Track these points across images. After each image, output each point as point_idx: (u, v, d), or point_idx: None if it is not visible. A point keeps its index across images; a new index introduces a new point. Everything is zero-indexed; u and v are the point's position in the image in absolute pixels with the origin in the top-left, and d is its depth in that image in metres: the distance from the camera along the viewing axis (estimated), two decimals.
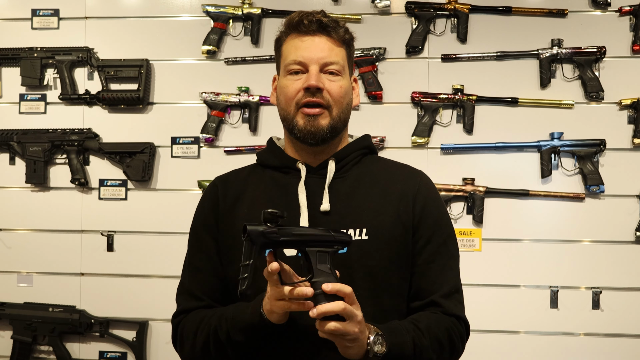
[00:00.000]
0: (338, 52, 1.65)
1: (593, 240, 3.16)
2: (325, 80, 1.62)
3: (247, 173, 1.77)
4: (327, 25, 1.64)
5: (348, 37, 1.68)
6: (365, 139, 1.77)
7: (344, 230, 1.58)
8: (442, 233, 1.67)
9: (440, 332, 1.56)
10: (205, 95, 3.32)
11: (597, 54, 3.16)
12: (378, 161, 1.77)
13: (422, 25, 3.25)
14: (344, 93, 1.65)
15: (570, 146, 3.15)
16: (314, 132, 1.62)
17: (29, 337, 3.33)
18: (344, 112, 1.66)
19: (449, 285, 1.63)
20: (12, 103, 3.48)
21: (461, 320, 1.63)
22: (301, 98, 1.62)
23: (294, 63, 1.63)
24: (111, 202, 3.40)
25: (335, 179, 1.66)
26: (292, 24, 1.66)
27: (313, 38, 1.64)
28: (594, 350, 3.13)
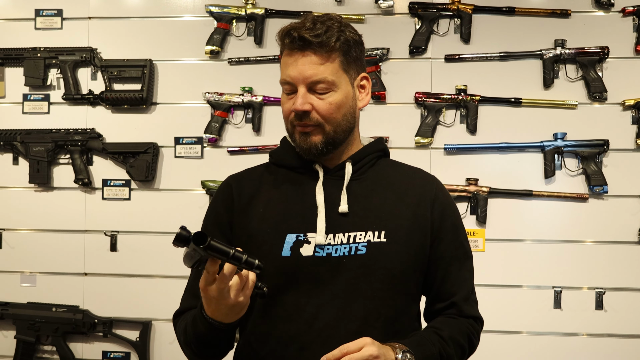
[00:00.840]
0: (326, 67, 1.58)
1: (596, 241, 3.16)
2: (314, 99, 1.59)
3: (261, 172, 1.76)
4: (310, 42, 1.57)
5: (340, 44, 1.59)
6: (380, 142, 1.77)
7: (363, 232, 1.60)
8: (459, 236, 1.72)
9: (462, 338, 1.64)
10: (209, 95, 3.32)
11: (601, 54, 3.16)
12: (392, 164, 1.77)
13: (426, 25, 3.25)
14: (335, 108, 1.60)
15: (574, 146, 3.15)
16: (308, 148, 1.62)
17: (32, 337, 3.34)
18: (341, 124, 1.63)
19: (467, 287, 1.70)
20: (15, 103, 3.48)
21: (478, 320, 1.71)
22: (293, 119, 1.62)
23: (284, 82, 1.62)
24: (114, 202, 3.40)
25: (352, 181, 1.66)
26: (281, 38, 1.62)
27: (299, 56, 1.59)
28: (598, 350, 3.13)
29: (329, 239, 1.59)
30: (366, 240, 1.59)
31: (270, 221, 1.64)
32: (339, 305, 1.56)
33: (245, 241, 1.64)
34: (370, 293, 1.56)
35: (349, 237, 1.60)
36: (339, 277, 1.57)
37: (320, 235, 1.59)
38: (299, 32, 1.57)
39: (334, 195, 1.64)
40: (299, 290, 1.57)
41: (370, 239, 1.59)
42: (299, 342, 1.56)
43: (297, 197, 1.65)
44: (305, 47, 1.58)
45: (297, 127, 1.62)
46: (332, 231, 1.60)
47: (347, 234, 1.60)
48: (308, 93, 1.59)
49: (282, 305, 1.56)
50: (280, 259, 1.58)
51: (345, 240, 1.59)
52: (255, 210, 1.67)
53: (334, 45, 1.59)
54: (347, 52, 1.62)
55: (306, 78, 1.58)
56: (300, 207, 1.62)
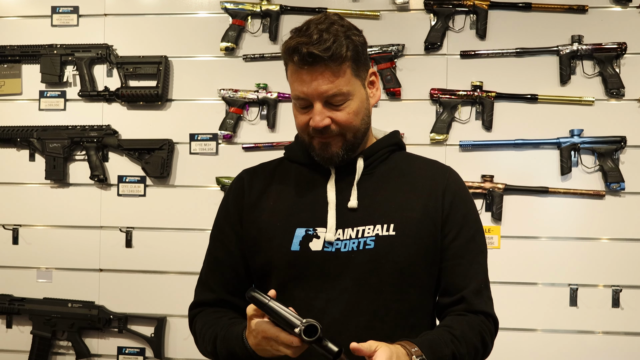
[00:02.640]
0: (340, 79, 1.55)
1: (613, 238, 3.13)
2: (331, 112, 1.57)
3: (274, 166, 1.77)
4: (320, 58, 1.51)
5: (350, 53, 1.56)
6: (393, 136, 1.75)
7: (371, 226, 1.59)
8: (471, 228, 1.66)
9: (475, 337, 1.56)
10: (224, 92, 3.33)
11: (618, 50, 3.13)
12: (406, 157, 1.75)
13: (441, 21, 3.24)
14: (354, 115, 1.59)
15: (591, 143, 3.13)
16: (329, 157, 1.62)
17: (48, 333, 3.36)
18: (360, 129, 1.63)
19: (477, 282, 1.62)
20: (32, 100, 3.50)
21: (490, 317, 1.63)
22: (311, 132, 1.60)
23: (297, 98, 1.59)
24: (130, 199, 3.41)
25: (363, 176, 1.66)
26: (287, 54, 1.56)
27: (311, 72, 1.54)
28: (614, 349, 3.11)
29: (338, 234, 1.59)
30: (374, 234, 1.58)
31: (280, 215, 1.64)
32: (348, 299, 1.55)
33: (255, 234, 1.65)
34: (380, 287, 1.55)
35: (357, 232, 1.59)
36: (348, 272, 1.56)
37: (330, 232, 1.59)
38: (308, 49, 1.51)
39: (345, 191, 1.64)
40: (308, 285, 1.58)
41: (378, 233, 1.58)
42: None
43: (308, 192, 1.66)
44: (316, 62, 1.53)
45: (317, 138, 1.61)
46: (342, 226, 1.60)
47: (356, 229, 1.60)
48: (324, 108, 1.57)
49: (291, 300, 1.55)
50: (290, 254, 1.59)
51: (354, 235, 1.59)
52: (266, 204, 1.68)
53: (345, 55, 1.55)
54: (356, 58, 1.59)
55: (321, 93, 1.55)
56: (311, 202, 1.62)
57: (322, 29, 1.54)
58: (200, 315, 1.71)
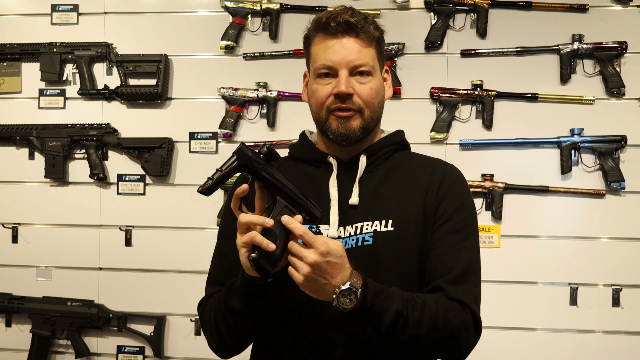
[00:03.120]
0: (367, 52, 1.61)
1: (613, 237, 3.13)
2: (355, 83, 1.60)
3: (279, 165, 1.76)
4: (355, 26, 1.59)
5: (378, 34, 1.64)
6: (397, 135, 1.76)
7: (370, 222, 1.59)
8: (459, 222, 1.62)
9: (438, 313, 1.49)
10: (224, 90, 3.32)
11: (619, 49, 3.13)
12: (410, 157, 1.75)
13: (442, 20, 3.23)
14: (375, 94, 1.63)
15: (591, 142, 3.12)
16: (347, 134, 1.62)
17: (47, 331, 3.35)
18: (377, 111, 1.65)
19: (456, 272, 1.57)
20: (31, 98, 3.50)
21: (466, 306, 1.55)
22: (332, 103, 1.61)
23: (323, 67, 1.62)
24: (129, 197, 3.41)
25: (365, 173, 1.66)
26: (319, 25, 1.62)
27: (341, 40, 1.60)
28: (614, 348, 3.10)
29: (339, 232, 1.60)
30: (373, 230, 1.58)
31: None
32: None
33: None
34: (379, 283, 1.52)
35: (356, 228, 1.60)
36: None
37: (333, 228, 1.59)
38: (342, 17, 1.59)
39: (347, 188, 1.64)
40: None
41: (377, 229, 1.58)
42: (307, 334, 1.56)
43: (311, 190, 1.65)
44: (349, 31, 1.60)
45: (336, 112, 1.61)
46: (343, 224, 1.61)
47: (355, 225, 1.60)
48: (349, 77, 1.60)
49: (292, 297, 1.55)
50: None
51: (353, 232, 1.59)
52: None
53: (374, 33, 1.63)
54: (380, 43, 1.67)
55: (349, 62, 1.59)
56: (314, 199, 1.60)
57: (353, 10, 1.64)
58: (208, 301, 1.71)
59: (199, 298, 1.74)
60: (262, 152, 1.45)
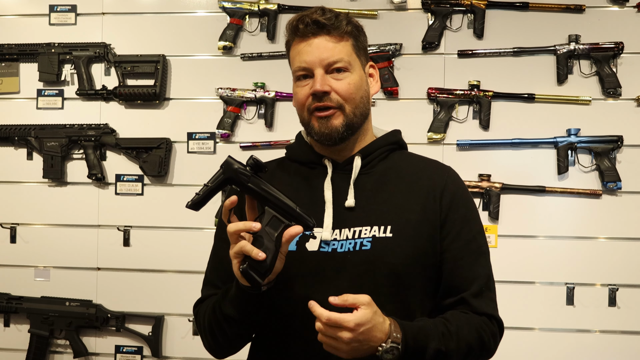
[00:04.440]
0: (341, 48, 1.62)
1: (610, 237, 3.14)
2: (331, 80, 1.60)
3: (275, 166, 1.77)
4: (324, 25, 1.60)
5: (351, 28, 1.64)
6: (393, 135, 1.76)
7: (368, 227, 1.58)
8: (471, 230, 1.65)
9: (470, 335, 1.54)
10: (222, 91, 3.33)
11: (615, 49, 3.14)
12: (407, 157, 1.75)
13: (439, 21, 3.24)
14: (355, 88, 1.62)
15: (587, 142, 3.13)
16: (329, 133, 1.62)
17: (46, 331, 3.36)
18: (359, 106, 1.64)
19: (479, 283, 1.61)
20: (29, 98, 3.50)
21: (493, 318, 1.61)
22: (311, 103, 1.62)
23: (299, 69, 1.63)
24: (127, 197, 3.42)
25: (361, 175, 1.66)
26: (291, 29, 1.64)
27: (313, 40, 1.61)
28: (610, 347, 3.12)
29: (334, 235, 1.59)
30: (371, 235, 1.58)
31: None
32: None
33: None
34: (375, 289, 1.53)
35: (354, 232, 1.59)
36: (344, 272, 1.56)
37: (327, 231, 1.59)
38: (311, 17, 1.60)
39: (342, 190, 1.63)
40: (304, 284, 1.57)
41: (375, 234, 1.58)
42: (304, 338, 1.55)
43: (306, 192, 1.65)
44: (319, 30, 1.60)
45: (316, 112, 1.62)
46: (339, 226, 1.60)
47: (353, 229, 1.59)
48: (325, 75, 1.60)
49: (286, 300, 1.55)
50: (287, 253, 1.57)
51: (350, 236, 1.59)
52: None
53: (346, 28, 1.63)
54: (357, 37, 1.66)
55: (323, 60, 1.60)
56: (309, 202, 1.61)
57: (325, 9, 1.65)
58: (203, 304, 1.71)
59: (197, 298, 1.75)
60: (249, 164, 1.48)
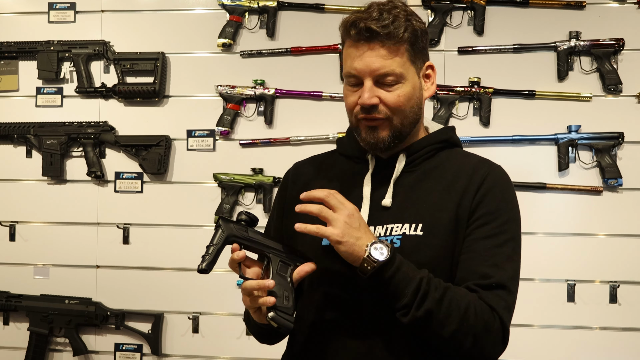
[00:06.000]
0: (394, 60, 1.53)
1: (611, 234, 3.13)
2: (380, 92, 1.54)
3: (322, 159, 1.76)
4: (378, 33, 1.51)
5: (408, 35, 1.54)
6: (443, 133, 1.69)
7: (400, 224, 1.56)
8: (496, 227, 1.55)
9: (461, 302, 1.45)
10: (221, 88, 3.32)
11: (616, 46, 3.13)
12: (455, 155, 1.68)
13: (439, 17, 3.24)
14: (405, 100, 1.55)
15: (588, 139, 3.13)
16: (375, 143, 1.58)
17: (45, 329, 3.35)
18: (408, 116, 1.58)
19: (490, 279, 1.50)
20: (28, 96, 3.50)
21: (495, 312, 1.48)
22: (358, 112, 1.57)
23: (348, 75, 1.57)
24: (127, 195, 3.41)
25: (404, 173, 1.62)
26: (345, 30, 1.57)
27: (365, 48, 1.53)
28: (611, 344, 3.11)
29: None
30: (402, 232, 1.54)
31: None
32: (372, 296, 1.52)
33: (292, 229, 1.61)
34: None
35: (386, 229, 1.56)
36: None
37: None
38: (366, 24, 1.51)
39: (382, 188, 1.61)
40: (336, 280, 1.56)
41: (405, 232, 1.55)
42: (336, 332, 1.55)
43: (347, 187, 1.63)
44: (373, 38, 1.52)
45: (364, 121, 1.57)
46: (373, 224, 1.58)
47: (385, 226, 1.57)
48: (375, 86, 1.54)
49: (320, 294, 1.55)
50: (320, 248, 1.57)
51: (382, 233, 1.56)
52: None
53: (402, 36, 1.53)
54: (414, 42, 1.56)
55: (373, 71, 1.53)
56: (348, 197, 1.54)
57: (383, 8, 1.54)
58: None
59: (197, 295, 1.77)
60: (243, 220, 1.49)
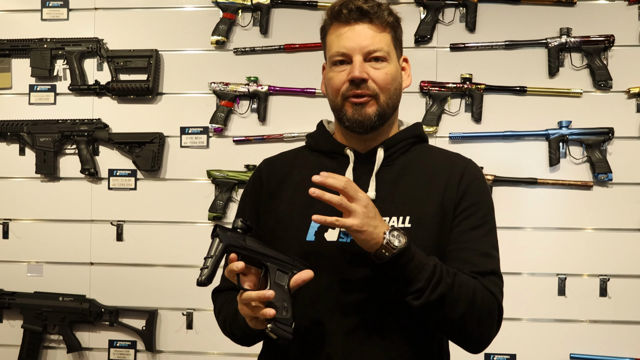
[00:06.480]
0: (382, 38, 1.61)
1: (601, 228, 3.16)
2: (369, 69, 1.60)
3: (294, 155, 1.77)
4: (367, 12, 1.60)
5: (392, 19, 1.64)
6: (415, 128, 1.76)
7: (387, 217, 1.58)
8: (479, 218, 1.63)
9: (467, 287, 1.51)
10: (214, 85, 3.34)
11: (606, 42, 3.17)
12: (428, 150, 1.75)
13: (431, 14, 3.26)
14: (391, 79, 1.62)
15: (579, 135, 3.16)
16: (362, 120, 1.61)
17: (39, 326, 3.36)
18: (392, 98, 1.64)
19: (484, 267, 1.58)
20: (22, 94, 3.50)
21: (495, 297, 1.57)
22: (347, 90, 1.61)
23: (337, 54, 1.62)
24: (121, 192, 3.42)
25: (383, 167, 1.65)
26: (333, 13, 1.63)
27: (354, 27, 1.60)
28: (601, 336, 3.14)
29: None
30: (390, 225, 1.55)
31: (298, 205, 1.64)
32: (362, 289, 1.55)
33: (272, 225, 1.65)
34: None
35: None
36: (363, 262, 1.54)
37: None
38: (355, 4, 1.60)
39: (363, 181, 1.63)
40: (323, 275, 1.56)
41: (394, 224, 1.57)
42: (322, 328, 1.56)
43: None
44: (362, 17, 1.60)
45: (351, 98, 1.61)
46: None
47: None
48: (364, 63, 1.60)
49: (305, 290, 1.55)
50: (305, 244, 1.59)
51: None
52: (285, 194, 1.68)
53: (387, 19, 1.63)
54: (396, 29, 1.66)
55: (363, 47, 1.59)
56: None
57: None
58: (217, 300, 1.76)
59: (190, 292, 1.78)
60: (239, 227, 1.47)
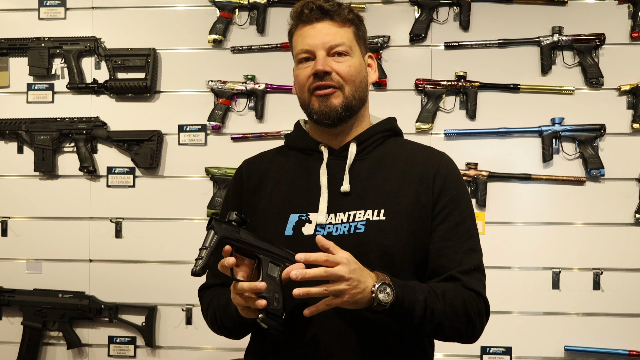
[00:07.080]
0: (343, 33, 1.70)
1: (594, 223, 3.22)
2: (332, 62, 1.67)
3: (273, 154, 1.83)
4: (328, 10, 1.69)
5: (352, 16, 1.72)
6: (388, 122, 1.82)
7: (362, 210, 1.63)
8: (461, 212, 1.68)
9: (457, 301, 1.57)
10: (212, 83, 3.37)
11: (597, 41, 3.22)
12: (401, 144, 1.80)
13: (425, 13, 3.30)
14: (355, 72, 1.69)
15: (571, 131, 3.21)
16: (328, 111, 1.67)
17: (39, 323, 3.37)
18: (358, 89, 1.70)
19: (469, 264, 1.64)
20: (20, 93, 3.51)
21: (480, 296, 1.63)
22: (311, 83, 1.68)
23: (301, 52, 1.70)
24: (119, 190, 3.44)
25: (356, 161, 1.71)
26: (296, 15, 1.72)
27: (316, 25, 1.69)
28: (595, 329, 3.19)
29: (330, 219, 1.64)
30: (365, 218, 1.62)
31: (276, 201, 1.70)
32: None
33: (253, 222, 1.68)
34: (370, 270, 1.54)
35: (349, 216, 1.63)
36: None
37: (322, 215, 1.64)
38: (316, 4, 1.69)
39: (337, 176, 1.68)
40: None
41: (369, 217, 1.62)
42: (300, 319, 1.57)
43: (302, 178, 1.71)
44: (323, 15, 1.69)
45: (317, 91, 1.68)
46: (334, 210, 1.64)
47: (347, 213, 1.64)
48: (327, 57, 1.68)
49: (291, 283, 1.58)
50: (283, 239, 1.63)
51: (345, 219, 1.63)
52: (264, 192, 1.73)
53: (348, 16, 1.71)
54: (357, 26, 1.75)
55: (325, 43, 1.68)
56: (305, 188, 1.66)
57: None
58: (204, 296, 1.79)
59: (189, 288, 1.81)
60: (234, 220, 1.49)
